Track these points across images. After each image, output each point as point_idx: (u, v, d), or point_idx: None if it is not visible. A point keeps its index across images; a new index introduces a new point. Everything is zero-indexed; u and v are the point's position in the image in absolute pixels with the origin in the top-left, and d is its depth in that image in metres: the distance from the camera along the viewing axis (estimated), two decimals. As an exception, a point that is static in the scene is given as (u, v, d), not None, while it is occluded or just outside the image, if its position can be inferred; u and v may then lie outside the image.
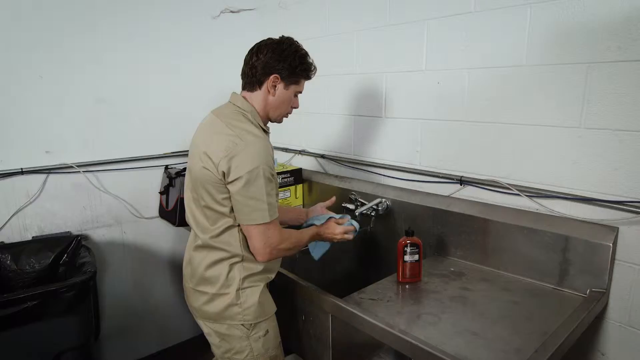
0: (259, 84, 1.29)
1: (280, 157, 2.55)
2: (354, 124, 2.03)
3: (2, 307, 1.43)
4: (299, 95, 1.39)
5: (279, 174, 2.18)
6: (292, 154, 2.46)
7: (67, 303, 1.53)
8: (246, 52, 1.32)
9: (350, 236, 1.46)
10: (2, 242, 1.84)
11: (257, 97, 1.31)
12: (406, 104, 1.77)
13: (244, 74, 1.32)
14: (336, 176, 2.14)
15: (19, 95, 1.83)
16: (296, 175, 2.25)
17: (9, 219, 1.87)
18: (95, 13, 1.96)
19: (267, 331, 1.33)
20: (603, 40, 1.21)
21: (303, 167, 2.32)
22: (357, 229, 1.49)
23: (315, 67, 1.38)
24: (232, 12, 2.40)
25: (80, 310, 1.60)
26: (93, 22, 1.96)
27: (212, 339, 1.36)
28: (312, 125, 2.29)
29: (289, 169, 2.25)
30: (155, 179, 2.24)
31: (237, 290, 1.27)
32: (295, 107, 1.40)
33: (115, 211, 2.14)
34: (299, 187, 2.28)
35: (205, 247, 1.29)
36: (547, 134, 1.36)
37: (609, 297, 1.29)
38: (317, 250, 1.60)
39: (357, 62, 1.96)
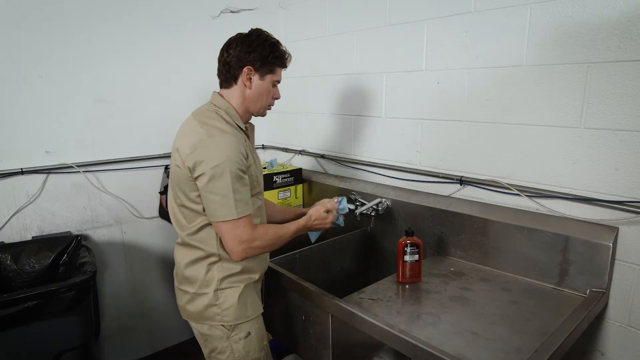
0: (234, 79, 1.29)
1: (280, 157, 2.55)
2: (354, 124, 2.03)
3: (2, 307, 1.43)
4: (278, 85, 1.38)
5: (279, 174, 2.18)
6: (292, 154, 2.46)
7: (67, 303, 1.53)
8: None
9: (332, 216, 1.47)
10: (2, 242, 1.84)
11: (234, 93, 1.30)
12: (406, 104, 1.77)
13: (219, 73, 1.32)
14: (336, 176, 2.14)
15: (19, 95, 1.83)
16: (296, 175, 2.25)
17: (9, 219, 1.87)
18: (95, 13, 1.96)
19: (248, 333, 1.31)
20: (603, 40, 1.21)
21: (303, 167, 2.32)
22: (341, 208, 1.51)
23: (289, 55, 1.37)
24: (232, 12, 2.40)
25: (80, 310, 1.60)
26: (93, 22, 1.96)
27: (198, 339, 1.37)
28: (312, 125, 2.29)
29: (289, 169, 2.25)
30: (155, 179, 2.24)
31: (215, 290, 1.27)
32: (276, 98, 1.39)
33: (115, 211, 2.14)
34: (299, 187, 2.28)
35: (184, 245, 1.31)
36: (547, 134, 1.36)
37: (609, 297, 1.29)
38: (313, 235, 1.56)
39: (357, 62, 1.96)
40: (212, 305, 1.27)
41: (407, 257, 1.39)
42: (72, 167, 1.98)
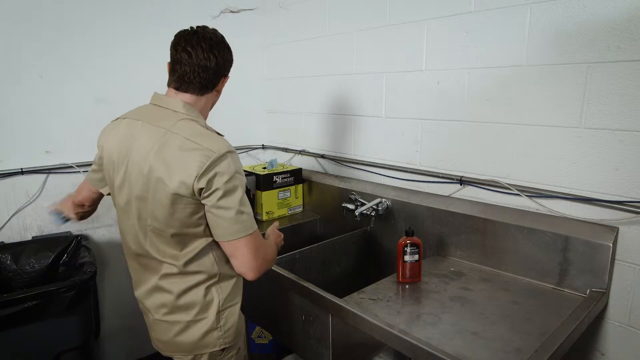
0: (213, 87, 1.18)
1: (280, 157, 2.55)
2: (354, 124, 2.03)
3: (2, 307, 1.43)
4: None
5: (278, 174, 2.18)
6: (292, 154, 2.46)
7: (67, 303, 1.53)
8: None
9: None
10: (2, 242, 1.84)
11: (205, 101, 1.18)
12: (406, 104, 1.77)
13: (189, 74, 1.12)
14: (336, 176, 2.14)
15: (19, 95, 1.83)
16: (296, 175, 2.25)
17: (9, 219, 1.87)
18: (95, 13, 1.96)
19: (239, 349, 1.26)
20: (603, 40, 1.21)
21: (303, 167, 2.32)
22: None
23: None
24: (232, 12, 2.40)
25: (80, 310, 1.60)
26: (93, 22, 1.96)
27: None
28: (312, 125, 2.29)
29: (289, 169, 2.25)
30: (155, 179, 2.23)
31: (217, 313, 1.18)
32: None
33: (115, 211, 2.14)
34: (299, 187, 2.28)
35: (179, 274, 1.15)
36: (547, 134, 1.36)
37: (609, 297, 1.29)
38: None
39: (357, 62, 1.96)
40: (213, 330, 1.18)
41: (407, 257, 1.39)
42: (72, 167, 1.98)
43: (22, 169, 1.86)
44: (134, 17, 2.07)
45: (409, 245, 1.39)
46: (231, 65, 1.23)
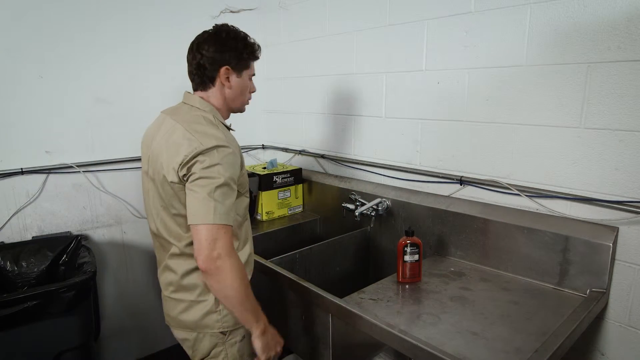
0: (211, 81, 1.25)
1: (280, 157, 2.55)
2: (354, 124, 2.03)
3: (2, 307, 1.43)
4: (253, 78, 1.34)
5: (279, 174, 2.18)
6: (292, 154, 2.46)
7: (67, 303, 1.53)
8: None
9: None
10: (2, 242, 1.84)
11: (214, 95, 1.26)
12: (406, 104, 1.77)
13: (192, 75, 1.26)
14: (336, 176, 2.14)
15: (19, 95, 1.83)
16: (296, 175, 2.25)
17: (9, 219, 1.87)
18: (95, 13, 1.96)
19: (244, 336, 1.28)
20: (603, 40, 1.21)
21: (303, 167, 2.32)
22: None
23: (259, 46, 1.31)
24: (232, 12, 2.40)
25: (80, 310, 1.60)
26: (93, 22, 1.96)
27: (186, 348, 1.31)
28: (312, 125, 2.29)
29: (289, 169, 2.25)
30: (155, 179, 2.23)
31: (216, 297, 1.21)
32: (252, 92, 1.35)
33: (115, 211, 2.14)
34: (299, 187, 2.28)
35: (181, 255, 1.23)
36: (547, 134, 1.36)
37: (609, 297, 1.29)
38: None
39: (357, 62, 1.96)
40: (212, 312, 1.23)
41: (407, 257, 1.39)
42: (72, 167, 1.98)
43: (22, 169, 1.86)
44: (134, 17, 2.07)
45: (409, 245, 1.39)
46: (230, 54, 1.22)
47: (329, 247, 1.81)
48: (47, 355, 1.55)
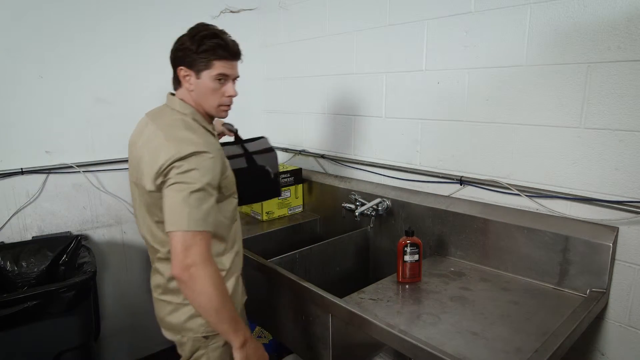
0: (178, 82, 1.22)
1: (281, 157, 2.54)
2: (354, 124, 2.03)
3: (2, 307, 1.43)
4: (235, 80, 1.23)
5: (279, 174, 2.18)
6: (292, 154, 2.46)
7: (67, 303, 1.53)
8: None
9: None
10: (2, 242, 1.84)
11: (184, 96, 1.22)
12: (406, 104, 1.77)
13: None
14: (336, 176, 2.14)
15: (19, 95, 1.83)
16: (296, 175, 2.25)
17: (9, 219, 1.87)
18: (95, 13, 1.96)
19: (225, 342, 1.22)
20: (603, 40, 1.21)
21: (303, 167, 2.32)
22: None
23: (228, 44, 1.18)
24: (232, 12, 2.40)
25: (80, 310, 1.60)
26: (93, 22, 1.96)
27: (178, 349, 1.29)
28: (312, 125, 2.29)
29: (289, 169, 2.25)
30: (155, 179, 2.23)
31: None
32: (229, 96, 1.22)
33: (115, 211, 2.14)
34: (299, 187, 2.28)
35: (166, 259, 1.20)
36: (547, 134, 1.36)
37: (609, 297, 1.29)
38: None
39: (357, 62, 1.96)
40: (196, 316, 1.21)
41: (407, 257, 1.39)
42: (72, 167, 1.98)
43: (22, 169, 1.86)
44: (134, 17, 2.07)
45: (409, 245, 1.39)
46: (183, 53, 1.18)
47: (329, 247, 1.81)
48: (47, 355, 1.55)
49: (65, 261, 1.84)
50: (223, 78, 1.19)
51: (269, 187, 1.79)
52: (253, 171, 1.69)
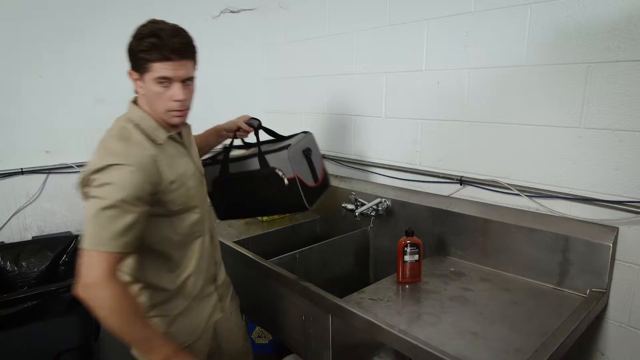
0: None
1: (280, 157, 2.54)
2: (354, 124, 2.03)
3: (2, 307, 1.43)
4: (184, 81, 1.12)
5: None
6: (292, 154, 2.46)
7: (67, 303, 1.53)
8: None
9: None
10: (2, 242, 1.84)
11: (141, 99, 1.14)
12: (406, 104, 1.77)
13: None
14: (336, 176, 2.14)
15: (19, 95, 1.83)
16: (296, 175, 2.25)
17: (9, 219, 1.87)
18: (95, 13, 1.96)
19: None
20: (603, 40, 1.21)
21: (303, 167, 2.32)
22: None
23: (163, 42, 1.07)
24: (232, 12, 2.40)
25: (80, 310, 1.58)
26: (93, 22, 1.96)
27: None
28: (312, 125, 2.28)
29: (289, 169, 2.24)
30: (155, 179, 2.23)
31: (147, 313, 1.15)
32: (176, 100, 1.09)
33: (115, 211, 2.14)
34: (299, 187, 2.27)
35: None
36: (547, 134, 1.36)
37: (609, 297, 1.29)
38: None
39: (357, 62, 1.96)
40: None
41: (407, 257, 1.39)
42: (72, 167, 1.98)
43: (22, 169, 1.86)
44: (134, 17, 2.05)
45: (409, 245, 1.39)
46: (129, 55, 1.10)
47: (329, 247, 1.81)
48: (47, 355, 1.55)
49: (65, 261, 1.84)
50: (165, 81, 1.07)
51: (288, 197, 1.39)
52: (266, 176, 1.38)
